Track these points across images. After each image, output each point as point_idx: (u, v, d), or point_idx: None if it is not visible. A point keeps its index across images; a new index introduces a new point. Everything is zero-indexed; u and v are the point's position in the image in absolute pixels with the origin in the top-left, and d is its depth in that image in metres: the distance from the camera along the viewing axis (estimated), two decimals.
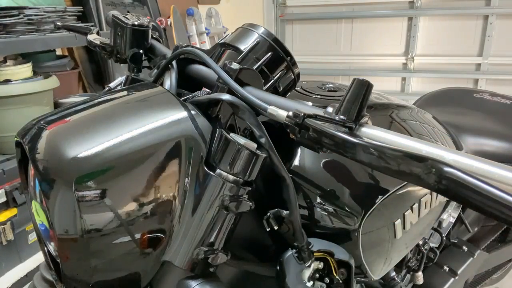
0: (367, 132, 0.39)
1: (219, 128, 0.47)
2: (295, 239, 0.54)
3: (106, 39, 0.72)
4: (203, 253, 0.48)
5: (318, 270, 0.59)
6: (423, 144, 0.34)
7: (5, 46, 1.46)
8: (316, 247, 0.57)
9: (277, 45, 0.56)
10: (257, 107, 0.46)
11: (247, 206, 0.48)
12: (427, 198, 0.70)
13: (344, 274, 0.59)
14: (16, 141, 0.51)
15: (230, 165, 0.46)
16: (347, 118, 0.39)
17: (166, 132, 0.45)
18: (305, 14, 3.71)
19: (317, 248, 0.57)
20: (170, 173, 0.45)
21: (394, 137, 0.36)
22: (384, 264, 0.68)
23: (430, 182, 0.30)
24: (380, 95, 0.79)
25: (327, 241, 0.59)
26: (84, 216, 0.41)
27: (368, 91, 0.39)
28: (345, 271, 0.59)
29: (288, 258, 0.55)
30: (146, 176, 0.44)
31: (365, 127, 0.39)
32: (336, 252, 0.58)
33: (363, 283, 0.73)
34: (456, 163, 0.31)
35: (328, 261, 0.58)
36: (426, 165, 0.30)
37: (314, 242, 0.56)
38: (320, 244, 0.57)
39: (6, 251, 1.48)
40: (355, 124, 0.39)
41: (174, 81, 0.55)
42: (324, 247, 0.57)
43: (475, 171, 0.30)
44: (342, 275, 0.59)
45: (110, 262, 0.44)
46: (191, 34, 2.96)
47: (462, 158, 0.31)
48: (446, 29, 3.30)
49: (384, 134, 0.37)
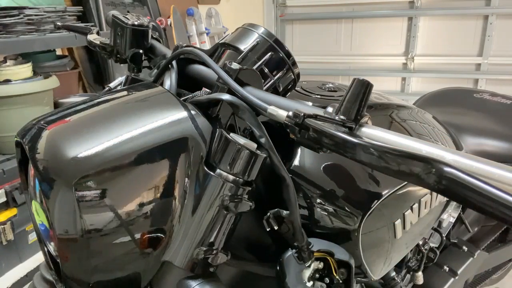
0: (367, 132, 0.39)
1: (219, 128, 0.47)
2: (295, 239, 0.54)
3: (106, 39, 0.72)
4: (203, 253, 0.47)
5: (318, 270, 0.59)
6: (423, 144, 0.34)
7: (5, 46, 1.46)
8: (316, 247, 0.56)
9: (277, 45, 0.56)
10: (257, 107, 0.46)
11: (247, 206, 0.48)
12: (427, 198, 0.70)
13: (344, 274, 0.59)
14: (16, 141, 0.51)
15: (230, 165, 0.46)
16: (347, 118, 0.39)
17: (166, 132, 0.45)
18: (305, 14, 3.71)
19: (317, 248, 0.57)
20: (170, 173, 0.45)
21: (394, 137, 0.36)
22: (384, 264, 0.68)
23: (430, 182, 0.30)
24: (380, 95, 0.79)
25: (327, 241, 0.59)
26: (84, 216, 0.41)
27: (368, 91, 0.39)
28: (345, 271, 0.59)
29: (288, 258, 0.55)
30: (146, 176, 0.44)
31: (365, 127, 0.39)
32: (336, 252, 0.58)
33: (363, 283, 0.73)
34: (456, 163, 0.31)
35: (328, 261, 0.58)
36: (426, 165, 0.30)
37: (314, 242, 0.56)
38: (320, 244, 0.57)
39: (6, 251, 1.48)
40: (355, 124, 0.39)
41: (174, 81, 0.55)
42: (324, 247, 0.57)
43: (475, 171, 0.30)
44: (342, 275, 0.59)
45: (110, 262, 0.44)
46: (191, 34, 2.96)
47: (462, 158, 0.31)
48: (446, 29, 3.30)
49: (384, 134, 0.37)
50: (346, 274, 0.59)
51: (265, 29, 0.57)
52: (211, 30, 3.14)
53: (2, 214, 1.44)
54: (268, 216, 0.52)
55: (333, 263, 0.58)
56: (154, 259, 0.46)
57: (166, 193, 0.45)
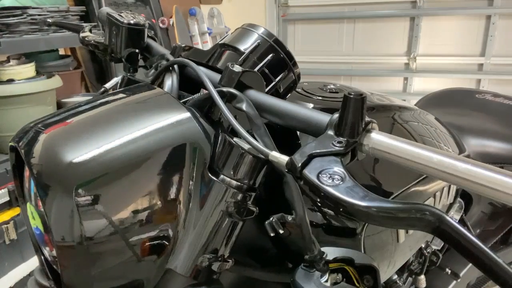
0: (375, 138, 0.37)
1: (222, 133, 0.46)
2: (304, 248, 0.47)
3: (100, 37, 0.70)
4: (207, 260, 0.46)
5: (336, 283, 0.51)
6: (433, 153, 0.33)
7: (8, 45, 1.46)
8: (331, 256, 0.49)
9: (278, 46, 0.55)
10: (259, 152, 0.42)
11: (252, 212, 0.47)
12: (430, 201, 0.70)
13: (370, 280, 0.51)
14: (10, 146, 0.48)
15: (233, 171, 0.45)
16: (349, 137, 0.37)
17: (168, 136, 0.44)
18: (307, 14, 3.70)
19: (332, 257, 0.49)
20: (173, 178, 0.43)
21: (402, 145, 0.35)
22: (388, 267, 0.68)
23: (428, 232, 0.30)
24: (382, 96, 0.79)
25: (341, 248, 0.52)
26: (84, 223, 0.40)
27: (364, 104, 0.37)
28: (371, 277, 0.51)
29: (300, 275, 0.49)
30: (148, 182, 0.42)
31: (373, 133, 0.38)
32: (356, 258, 0.50)
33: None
34: (469, 171, 0.31)
35: (346, 271, 0.51)
36: (424, 219, 0.29)
37: (326, 251, 0.49)
38: (335, 252, 0.50)
39: (9, 250, 1.48)
40: (360, 137, 0.37)
41: (175, 84, 0.53)
42: (340, 255, 0.50)
43: (488, 180, 0.29)
44: (368, 282, 0.51)
45: (112, 270, 0.43)
46: (193, 34, 2.96)
47: (473, 167, 0.31)
48: (448, 29, 3.29)
49: (391, 141, 0.36)
50: (373, 281, 0.51)
51: (265, 29, 0.56)
52: (213, 30, 3.14)
53: (5, 213, 1.45)
54: (271, 221, 0.47)
55: (352, 272, 0.51)
56: (158, 266, 0.45)
57: (169, 199, 0.43)
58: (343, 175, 0.34)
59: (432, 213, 0.29)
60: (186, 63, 0.53)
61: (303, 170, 0.36)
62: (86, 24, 0.88)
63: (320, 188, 0.34)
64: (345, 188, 0.33)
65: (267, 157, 0.40)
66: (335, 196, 0.33)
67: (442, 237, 0.29)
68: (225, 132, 0.47)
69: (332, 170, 0.35)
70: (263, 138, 0.44)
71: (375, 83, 3.64)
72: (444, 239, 0.29)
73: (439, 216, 0.29)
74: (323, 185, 0.34)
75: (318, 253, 0.47)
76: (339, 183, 0.34)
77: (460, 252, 0.28)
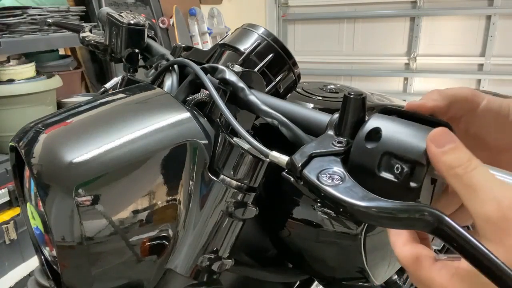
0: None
1: (222, 133, 0.46)
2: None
3: (100, 37, 0.70)
4: (207, 261, 0.46)
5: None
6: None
7: (9, 45, 1.47)
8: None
9: (278, 46, 0.55)
10: (258, 152, 0.42)
11: (252, 212, 0.47)
12: None
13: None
14: (10, 146, 0.49)
15: (233, 171, 0.45)
16: (349, 137, 0.37)
17: (168, 136, 0.44)
18: (307, 14, 3.70)
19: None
20: (174, 178, 0.44)
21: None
22: (388, 267, 0.68)
23: (427, 232, 0.30)
24: (382, 96, 0.79)
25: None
26: (85, 223, 0.40)
27: (364, 104, 0.37)
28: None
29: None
30: (148, 182, 0.43)
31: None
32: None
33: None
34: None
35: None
36: (423, 219, 0.29)
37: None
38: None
39: (9, 250, 1.48)
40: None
41: (175, 84, 0.53)
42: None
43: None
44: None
45: (112, 270, 0.43)
46: (193, 34, 2.96)
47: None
48: (449, 29, 3.29)
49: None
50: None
51: (265, 29, 0.56)
52: (213, 30, 3.15)
53: (5, 213, 1.45)
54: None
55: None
56: (158, 266, 0.45)
57: (170, 199, 0.44)
58: (343, 175, 0.35)
59: (431, 213, 0.29)
60: (186, 63, 0.53)
61: (303, 170, 0.36)
62: (86, 24, 0.88)
63: (320, 188, 0.34)
64: (344, 188, 0.33)
65: (267, 157, 0.40)
66: (335, 196, 0.33)
67: (441, 237, 0.29)
68: (225, 132, 0.47)
69: (332, 170, 0.35)
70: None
71: (375, 83, 3.64)
72: (443, 239, 0.29)
73: (438, 216, 0.29)
74: (323, 185, 0.34)
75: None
76: (339, 183, 0.34)
77: (459, 252, 0.28)
